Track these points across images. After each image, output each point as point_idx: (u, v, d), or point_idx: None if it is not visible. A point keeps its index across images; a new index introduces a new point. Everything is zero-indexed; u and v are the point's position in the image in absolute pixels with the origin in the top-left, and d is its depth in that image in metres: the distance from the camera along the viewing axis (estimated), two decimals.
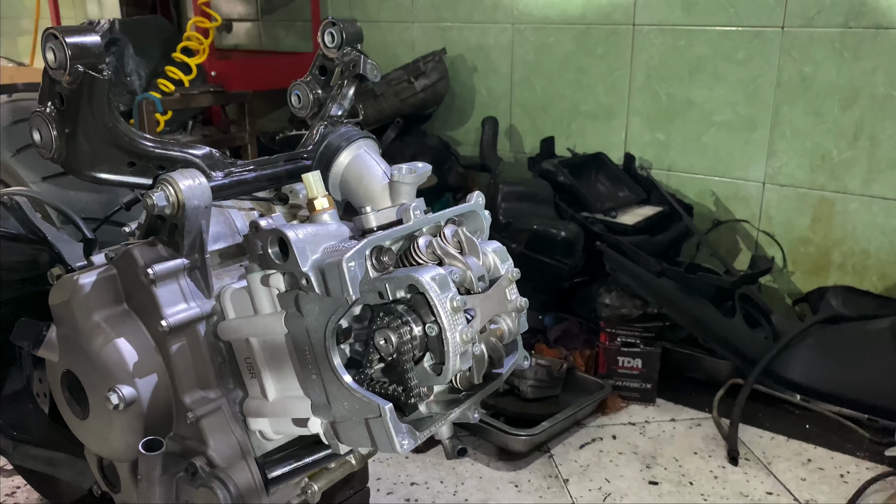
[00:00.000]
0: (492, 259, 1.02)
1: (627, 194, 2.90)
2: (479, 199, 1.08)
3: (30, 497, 1.93)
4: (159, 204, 0.98)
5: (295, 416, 1.00)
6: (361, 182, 1.13)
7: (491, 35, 3.40)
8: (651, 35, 2.93)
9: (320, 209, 0.98)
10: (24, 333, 1.13)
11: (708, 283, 2.45)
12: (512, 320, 1.01)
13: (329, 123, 1.22)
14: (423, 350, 0.92)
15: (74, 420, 1.14)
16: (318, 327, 0.91)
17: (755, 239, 2.83)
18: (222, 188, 1.07)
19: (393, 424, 0.88)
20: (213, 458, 1.02)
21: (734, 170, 2.84)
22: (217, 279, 1.07)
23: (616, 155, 3.05)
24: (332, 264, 0.88)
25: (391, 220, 1.01)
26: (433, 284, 0.88)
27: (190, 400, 1.03)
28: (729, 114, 2.80)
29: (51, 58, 0.94)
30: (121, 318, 1.05)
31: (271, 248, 0.92)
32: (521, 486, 1.97)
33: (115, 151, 1.01)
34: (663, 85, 2.94)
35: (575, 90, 3.20)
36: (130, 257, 1.02)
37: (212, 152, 1.08)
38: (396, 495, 1.93)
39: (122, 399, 1.01)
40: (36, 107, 0.99)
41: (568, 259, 2.57)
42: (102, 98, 0.97)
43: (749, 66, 2.72)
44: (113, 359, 1.03)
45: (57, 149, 0.99)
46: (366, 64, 1.26)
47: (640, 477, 2.01)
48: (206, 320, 1.03)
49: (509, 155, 3.44)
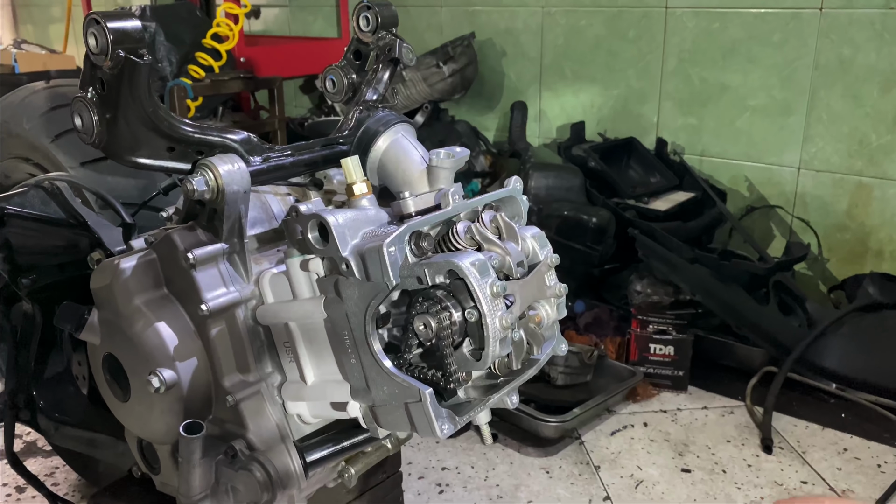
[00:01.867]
0: (531, 244, 1.01)
1: (659, 180, 2.87)
2: (517, 184, 1.07)
3: (68, 477, 1.97)
4: (199, 189, 0.98)
5: (333, 400, 1.00)
6: (399, 167, 1.12)
7: (520, 19, 3.37)
8: (684, 18, 2.88)
9: (359, 194, 0.98)
10: (67, 317, 1.15)
11: (741, 269, 2.42)
12: (551, 306, 1.01)
13: (365, 108, 1.22)
14: (462, 336, 0.91)
15: (115, 402, 1.15)
16: (358, 312, 0.91)
17: (790, 225, 2.78)
18: (260, 173, 1.07)
19: (433, 409, 0.88)
20: (252, 441, 1.03)
21: (768, 155, 2.79)
22: (255, 264, 1.08)
23: (648, 140, 3.01)
24: (373, 249, 0.88)
25: (429, 205, 1.01)
26: (473, 270, 0.87)
27: (229, 383, 1.04)
28: (763, 98, 2.75)
29: (92, 43, 0.94)
30: (161, 302, 1.05)
31: (311, 233, 0.92)
32: (552, 473, 1.97)
33: (154, 136, 1.01)
34: (696, 69, 2.90)
35: (606, 74, 3.16)
36: (171, 242, 1.03)
37: (250, 137, 1.08)
38: (427, 480, 1.94)
39: (162, 382, 1.02)
40: (76, 92, 1.00)
41: (599, 245, 2.55)
42: (143, 83, 0.97)
43: (785, 48, 2.66)
44: (153, 342, 1.04)
45: (98, 134, 1.00)
46: (401, 48, 1.25)
47: (672, 464, 2.00)
48: (245, 304, 1.04)
49: (539, 140, 3.42)
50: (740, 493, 1.88)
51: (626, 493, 1.88)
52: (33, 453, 2.09)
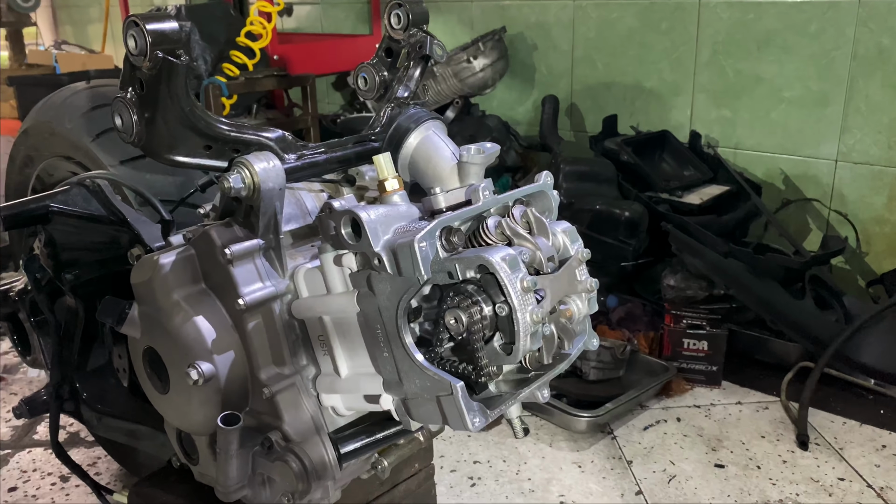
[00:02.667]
0: (561, 239, 1.02)
1: (693, 173, 2.84)
2: (548, 178, 1.07)
3: (110, 467, 2.02)
4: (236, 186, 1.01)
5: (367, 393, 1.02)
6: (430, 163, 1.13)
7: (551, 12, 3.36)
8: (718, 9, 2.85)
9: (391, 190, 0.99)
10: (108, 311, 1.18)
11: (777, 263, 2.39)
12: (582, 301, 1.01)
13: (396, 105, 1.23)
14: (493, 330, 0.92)
15: (155, 394, 1.18)
16: (390, 306, 0.92)
17: (826, 219, 2.74)
18: (295, 170, 1.09)
19: (464, 402, 0.89)
20: (287, 433, 1.05)
21: (805, 147, 2.75)
22: (290, 259, 1.10)
23: (681, 133, 2.98)
24: (404, 244, 0.89)
25: (460, 200, 1.02)
26: (503, 265, 0.88)
27: (265, 376, 1.06)
28: (799, 89, 2.71)
29: (132, 44, 0.97)
30: (199, 297, 1.08)
31: (344, 229, 0.94)
32: (584, 467, 1.97)
33: (192, 135, 1.04)
34: (730, 60, 2.86)
35: (638, 67, 3.13)
36: (208, 238, 1.05)
37: (284, 135, 1.10)
38: (459, 473, 1.96)
39: (201, 375, 1.04)
40: (116, 92, 1.03)
41: (631, 240, 2.54)
42: (180, 82, 0.99)
43: (822, 38, 2.62)
44: (192, 336, 1.06)
45: (137, 133, 1.02)
46: (432, 44, 1.26)
47: (706, 460, 1.99)
48: (280, 299, 1.06)
49: (570, 134, 3.41)
50: (775, 490, 1.87)
51: (658, 488, 1.88)
52: (77, 444, 2.15)
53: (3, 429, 2.26)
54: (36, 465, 2.07)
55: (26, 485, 1.99)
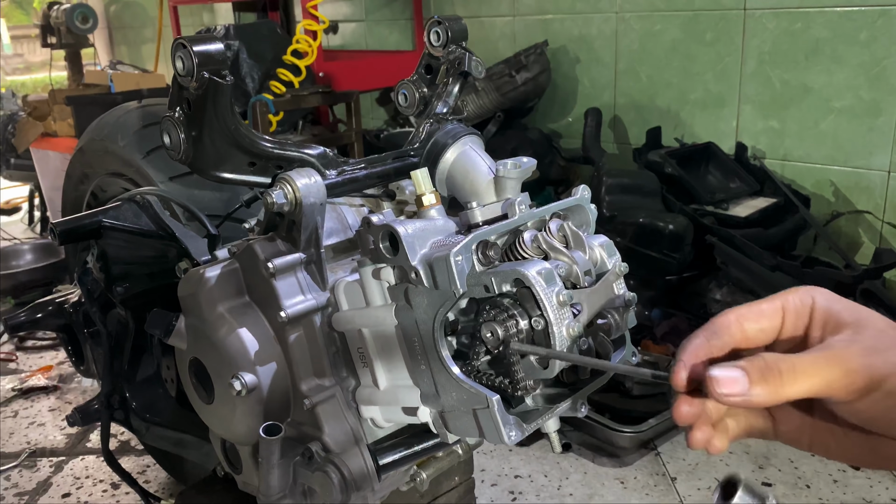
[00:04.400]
0: (598, 253, 1.02)
1: (739, 185, 2.80)
2: (585, 192, 1.07)
3: (158, 475, 2.07)
4: (278, 201, 1.03)
5: (405, 405, 1.03)
6: (467, 177, 1.15)
7: (594, 25, 3.35)
8: (764, 19, 2.81)
9: (428, 205, 1.01)
10: (156, 323, 1.21)
11: (827, 277, 2.33)
12: (619, 315, 1.00)
13: (435, 121, 1.25)
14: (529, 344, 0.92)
15: (201, 404, 1.21)
16: (427, 319, 0.93)
17: (879, 231, 2.66)
18: (335, 186, 1.12)
19: (500, 415, 0.89)
20: (327, 444, 1.07)
21: (855, 158, 2.68)
22: (331, 272, 1.12)
23: (727, 145, 2.94)
24: (440, 258, 0.90)
25: (496, 214, 1.02)
26: (539, 279, 0.88)
27: (306, 387, 1.08)
28: (850, 99, 2.65)
29: (180, 66, 1.00)
30: (243, 309, 1.11)
31: (382, 243, 0.95)
32: (627, 483, 1.95)
33: (236, 152, 1.07)
34: (777, 70, 2.82)
35: (683, 78, 3.11)
36: (252, 252, 1.08)
37: (326, 152, 1.12)
38: (500, 487, 1.95)
39: (244, 385, 1.07)
40: (165, 112, 1.07)
41: (676, 253, 2.51)
42: (225, 102, 1.03)
43: (873, 47, 2.56)
44: (236, 347, 1.09)
45: (185, 151, 1.06)
46: (471, 61, 1.27)
47: (753, 478, 1.95)
48: (321, 311, 1.08)
49: (613, 147, 3.39)
50: None
51: None
52: (127, 452, 2.21)
53: (59, 437, 2.33)
54: (88, 473, 2.13)
55: (79, 491, 2.05)
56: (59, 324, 1.62)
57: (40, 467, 2.18)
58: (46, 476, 2.13)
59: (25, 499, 2.04)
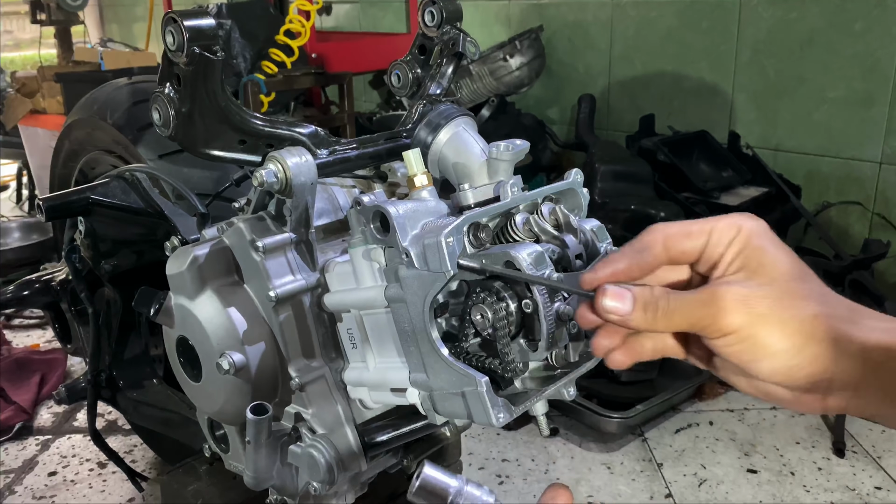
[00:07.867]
0: (590, 237, 1.01)
1: (731, 174, 2.80)
2: (578, 176, 1.07)
3: (146, 455, 2.07)
4: (268, 180, 1.02)
5: (393, 386, 1.02)
6: (459, 159, 1.14)
7: (590, 11, 3.34)
8: (759, 8, 2.80)
9: (420, 186, 1.00)
10: (144, 301, 1.20)
11: (816, 267, 2.34)
12: None
13: (428, 102, 1.24)
14: (518, 326, 0.92)
15: (188, 383, 1.21)
16: (417, 301, 0.93)
17: (869, 222, 2.68)
18: (327, 165, 1.11)
19: (489, 397, 0.89)
20: (315, 424, 1.07)
21: (847, 149, 2.69)
22: (321, 253, 1.11)
23: (720, 133, 2.94)
24: (432, 240, 0.89)
25: (488, 197, 1.02)
26: (529, 261, 0.88)
27: (295, 367, 1.07)
28: (843, 89, 2.65)
29: (170, 41, 0.99)
30: (232, 289, 1.10)
31: (373, 224, 0.95)
32: (614, 469, 1.96)
33: (227, 129, 1.06)
34: (772, 60, 2.81)
35: (677, 66, 3.10)
36: (241, 231, 1.07)
37: (317, 131, 1.11)
38: (488, 470, 1.96)
39: (232, 365, 1.06)
40: (155, 88, 1.05)
41: None
42: (216, 78, 1.01)
43: (867, 38, 2.56)
44: (224, 326, 1.08)
45: (174, 127, 1.05)
46: (464, 41, 1.26)
47: (738, 464, 1.96)
48: (310, 292, 1.07)
49: (607, 133, 3.38)
50: (809, 497, 1.83)
51: (688, 492, 1.86)
52: (114, 431, 2.20)
53: (45, 415, 2.33)
54: (75, 451, 2.13)
55: (65, 470, 2.05)
56: (46, 301, 1.60)
57: (27, 445, 2.17)
58: (33, 454, 2.13)
59: (11, 477, 2.03)
